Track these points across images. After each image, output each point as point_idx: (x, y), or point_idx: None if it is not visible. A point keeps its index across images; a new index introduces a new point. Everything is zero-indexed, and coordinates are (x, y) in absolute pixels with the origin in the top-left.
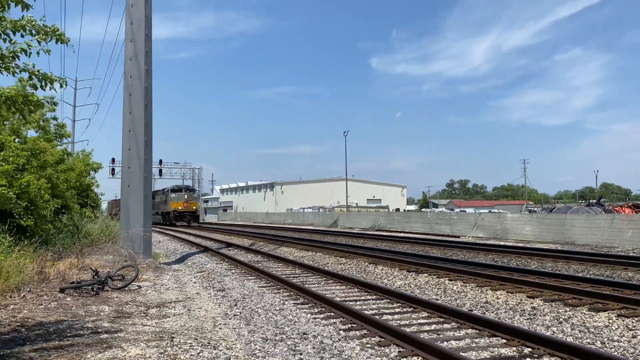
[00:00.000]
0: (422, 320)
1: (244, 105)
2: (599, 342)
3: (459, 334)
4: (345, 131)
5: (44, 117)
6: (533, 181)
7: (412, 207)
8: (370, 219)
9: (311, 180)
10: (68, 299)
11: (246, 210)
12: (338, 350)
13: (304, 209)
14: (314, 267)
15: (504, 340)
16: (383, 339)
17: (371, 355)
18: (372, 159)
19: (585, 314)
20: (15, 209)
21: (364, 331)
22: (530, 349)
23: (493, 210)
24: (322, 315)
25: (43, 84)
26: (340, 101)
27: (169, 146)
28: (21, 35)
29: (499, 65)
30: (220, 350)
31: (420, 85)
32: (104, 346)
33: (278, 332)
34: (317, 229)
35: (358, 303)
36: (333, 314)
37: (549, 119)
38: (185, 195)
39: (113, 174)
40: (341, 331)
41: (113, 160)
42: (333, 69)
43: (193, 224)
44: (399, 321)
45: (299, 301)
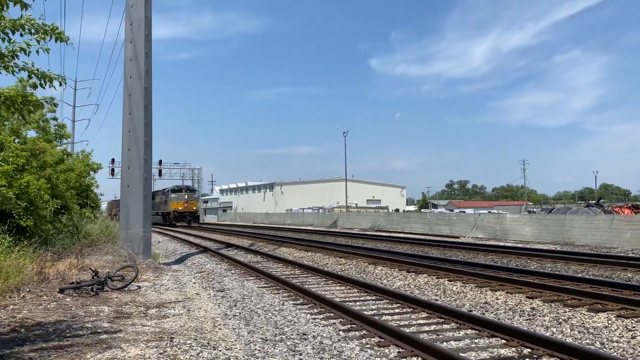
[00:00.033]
0: (422, 321)
1: (244, 106)
2: (598, 343)
3: (458, 335)
4: (345, 132)
5: (43, 118)
6: (532, 182)
7: (412, 208)
8: (370, 220)
9: (311, 180)
10: (68, 300)
11: (246, 211)
12: (338, 351)
13: (304, 209)
14: (314, 268)
15: (504, 341)
16: (383, 340)
17: (371, 355)
18: (372, 160)
19: (584, 314)
20: (15, 209)
21: (364, 332)
22: (529, 350)
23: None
24: (322, 316)
25: (42, 82)
26: (340, 102)
27: (168, 146)
28: (20, 34)
29: (498, 66)
30: (220, 350)
31: (420, 86)
32: (104, 346)
33: (278, 333)
34: (317, 229)
35: (358, 303)
36: (333, 314)
37: (549, 120)
38: (185, 196)
39: (113, 175)
40: (341, 332)
41: (113, 160)
42: (333, 69)
43: (193, 225)
44: (398, 322)
45: (298, 301)
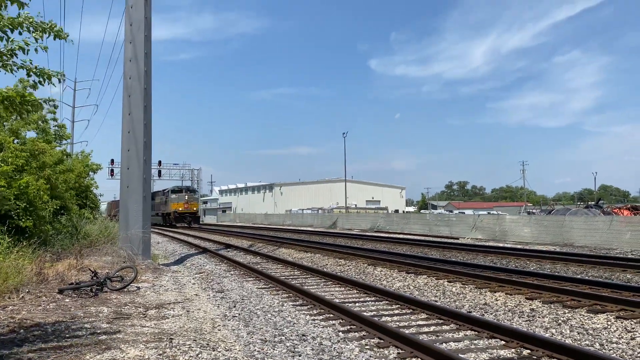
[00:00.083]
0: (421, 322)
1: (244, 106)
2: (597, 344)
3: (458, 336)
4: (345, 132)
5: (43, 119)
6: (532, 183)
7: (411, 209)
8: (369, 220)
9: (310, 181)
10: (67, 300)
11: (245, 212)
12: (337, 352)
13: (303, 210)
14: (313, 269)
15: (503, 342)
16: (382, 341)
17: (370, 356)
18: (371, 160)
19: (584, 315)
20: (14, 210)
21: (363, 332)
22: (529, 351)
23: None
24: (321, 317)
25: (41, 80)
26: (340, 102)
27: (168, 147)
28: (19, 32)
29: (498, 67)
30: (219, 351)
31: (420, 87)
32: (103, 347)
33: (277, 334)
34: (316, 230)
35: (357, 304)
36: (332, 315)
37: (548, 121)
38: (185, 196)
39: (112, 175)
40: (340, 332)
41: (112, 161)
42: (333, 70)
43: (193, 225)
44: (398, 322)
45: (298, 302)
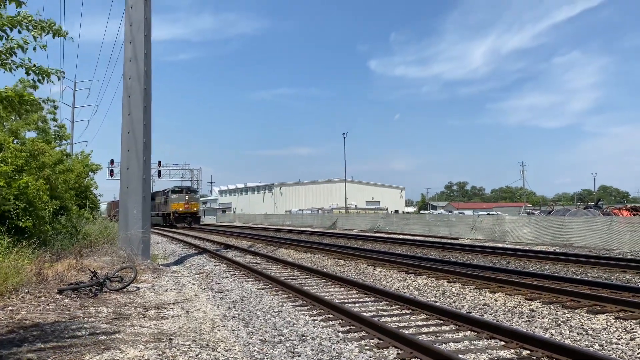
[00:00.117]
0: (421, 322)
1: (243, 107)
2: (597, 345)
3: (457, 336)
4: (345, 133)
5: (43, 119)
6: (531, 183)
7: (411, 209)
8: (369, 221)
9: (310, 181)
10: (66, 301)
11: (245, 212)
12: (337, 352)
13: (303, 210)
14: (313, 269)
15: (503, 342)
16: (382, 341)
17: (370, 357)
18: (371, 161)
19: (583, 316)
20: (14, 210)
21: (363, 333)
22: (528, 351)
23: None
24: (321, 317)
25: (40, 78)
26: (340, 103)
27: (167, 147)
28: (18, 31)
29: (497, 67)
30: (219, 352)
31: (419, 88)
32: (102, 347)
33: (277, 334)
34: (316, 230)
35: (357, 305)
36: (332, 315)
37: (548, 122)
38: (186, 197)
39: (112, 175)
40: (340, 333)
41: (112, 161)
42: (332, 70)
43: (194, 226)
44: (397, 323)
45: (297, 303)
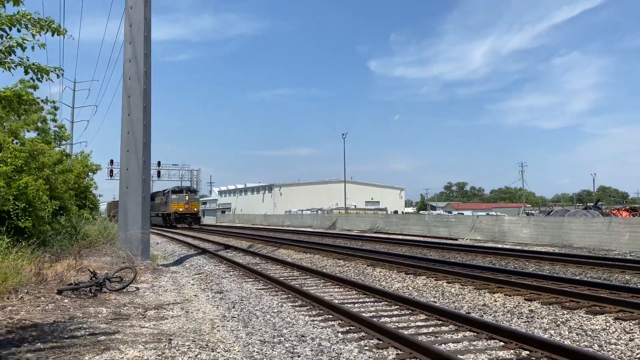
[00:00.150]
0: (420, 323)
1: (243, 107)
2: (596, 345)
3: (456, 337)
4: (344, 133)
5: (42, 119)
6: (531, 184)
7: (410, 210)
8: (369, 221)
9: (310, 182)
10: (66, 301)
11: (244, 212)
12: (336, 353)
13: (303, 211)
14: (312, 270)
15: (502, 343)
16: (381, 342)
17: (369, 357)
18: (371, 161)
19: (582, 316)
20: (12, 209)
21: (362, 333)
22: (527, 352)
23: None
24: (320, 318)
25: (39, 76)
26: (339, 103)
27: (167, 148)
28: (17, 30)
29: (497, 68)
30: (218, 352)
31: (419, 88)
32: (102, 348)
33: (276, 335)
34: (316, 231)
35: (356, 305)
36: (331, 316)
37: (547, 122)
38: (186, 197)
39: (111, 176)
40: (339, 333)
41: (112, 161)
42: (332, 71)
43: (194, 226)
44: (397, 323)
45: (297, 303)
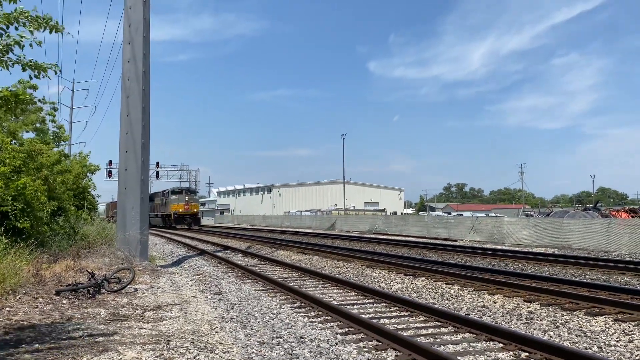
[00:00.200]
0: (419, 324)
1: (243, 108)
2: (595, 347)
3: (456, 338)
4: (343, 134)
5: (41, 120)
6: (530, 185)
7: (410, 211)
8: (368, 222)
9: (309, 183)
10: (64, 302)
11: (243, 213)
12: (335, 354)
13: (302, 212)
14: (311, 271)
15: (501, 345)
16: (380, 343)
17: (368, 359)
18: (370, 162)
19: (582, 318)
20: (11, 210)
21: (361, 335)
22: (527, 354)
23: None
24: (319, 319)
25: (37, 73)
26: (339, 104)
27: (166, 148)
28: (15, 28)
29: (496, 69)
30: (217, 353)
31: (418, 89)
32: (100, 349)
33: (275, 336)
34: (315, 232)
35: (355, 307)
36: (330, 317)
37: (546, 123)
38: (186, 197)
39: (110, 176)
40: (338, 335)
41: (110, 162)
42: (331, 72)
43: (194, 227)
44: (396, 325)
45: (295, 305)
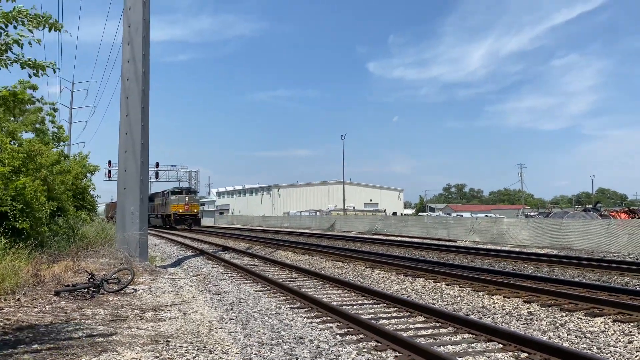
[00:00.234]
0: (419, 325)
1: (242, 108)
2: (595, 348)
3: (455, 339)
4: (343, 135)
5: (40, 120)
6: (529, 186)
7: (409, 211)
8: (368, 223)
9: (308, 183)
10: (63, 302)
11: (243, 214)
12: (334, 355)
13: (301, 212)
14: (311, 271)
15: (501, 345)
16: (380, 344)
17: (368, 359)
18: (370, 163)
19: (581, 319)
20: (10, 210)
21: (361, 335)
22: (526, 354)
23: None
24: (319, 320)
25: (35, 71)
26: (338, 105)
27: (165, 149)
28: (14, 26)
29: (495, 70)
30: (216, 354)
31: (418, 90)
32: (99, 349)
33: (274, 337)
34: (314, 232)
35: (355, 307)
36: (329, 318)
37: (546, 124)
38: (186, 198)
39: (109, 177)
40: (337, 335)
41: (110, 162)
42: (331, 72)
43: (194, 228)
44: (395, 325)
45: (295, 305)
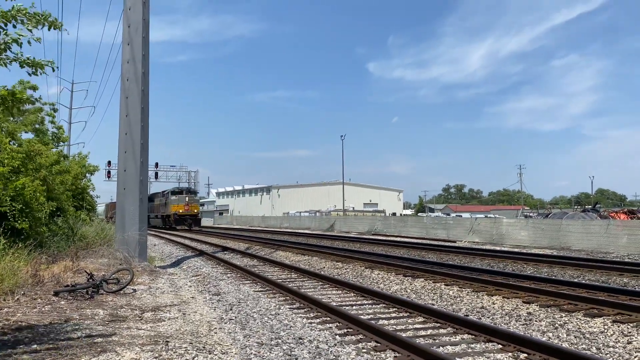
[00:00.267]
0: (418, 325)
1: (242, 109)
2: (594, 348)
3: (455, 339)
4: (342, 135)
5: (40, 120)
6: (529, 186)
7: (409, 212)
8: (367, 223)
9: (308, 184)
10: (62, 303)
11: (242, 214)
12: (334, 355)
13: (301, 212)
14: (310, 272)
15: (500, 346)
16: (379, 344)
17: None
18: (369, 163)
19: (580, 319)
20: (9, 210)
21: (360, 336)
22: (526, 355)
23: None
24: (318, 320)
25: (34, 69)
26: (338, 105)
27: (165, 149)
28: (13, 25)
29: (495, 70)
30: (216, 354)
31: (417, 91)
32: (98, 350)
33: (274, 337)
34: (314, 233)
35: (354, 308)
36: (329, 318)
37: (546, 125)
38: (186, 198)
39: (109, 177)
40: (337, 336)
41: (109, 163)
42: (330, 73)
43: (194, 228)
44: (395, 326)
45: (294, 306)
